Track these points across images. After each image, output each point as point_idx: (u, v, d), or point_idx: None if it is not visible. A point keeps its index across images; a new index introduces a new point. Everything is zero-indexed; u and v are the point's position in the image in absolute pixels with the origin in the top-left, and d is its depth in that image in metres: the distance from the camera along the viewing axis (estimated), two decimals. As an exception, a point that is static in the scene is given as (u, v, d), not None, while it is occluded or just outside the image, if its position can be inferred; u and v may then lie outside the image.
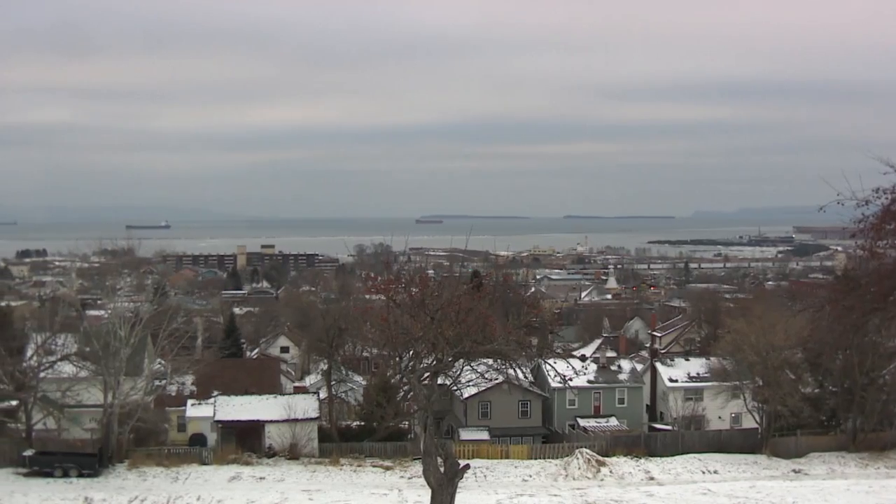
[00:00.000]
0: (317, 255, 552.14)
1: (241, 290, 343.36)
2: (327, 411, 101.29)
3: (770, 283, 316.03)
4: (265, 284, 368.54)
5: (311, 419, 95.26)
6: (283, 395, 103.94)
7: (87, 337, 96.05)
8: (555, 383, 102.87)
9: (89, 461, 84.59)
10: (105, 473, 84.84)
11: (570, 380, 77.71)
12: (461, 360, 63.65)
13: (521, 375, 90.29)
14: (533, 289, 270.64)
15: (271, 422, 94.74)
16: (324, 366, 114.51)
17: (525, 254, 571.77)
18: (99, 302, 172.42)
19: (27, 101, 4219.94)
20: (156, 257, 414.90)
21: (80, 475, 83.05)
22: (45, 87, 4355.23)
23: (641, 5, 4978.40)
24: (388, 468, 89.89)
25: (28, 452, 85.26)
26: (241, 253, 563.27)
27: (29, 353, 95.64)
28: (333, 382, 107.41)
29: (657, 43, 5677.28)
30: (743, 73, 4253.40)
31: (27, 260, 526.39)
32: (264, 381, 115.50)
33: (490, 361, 67.89)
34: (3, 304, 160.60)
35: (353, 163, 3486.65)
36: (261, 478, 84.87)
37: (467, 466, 57.40)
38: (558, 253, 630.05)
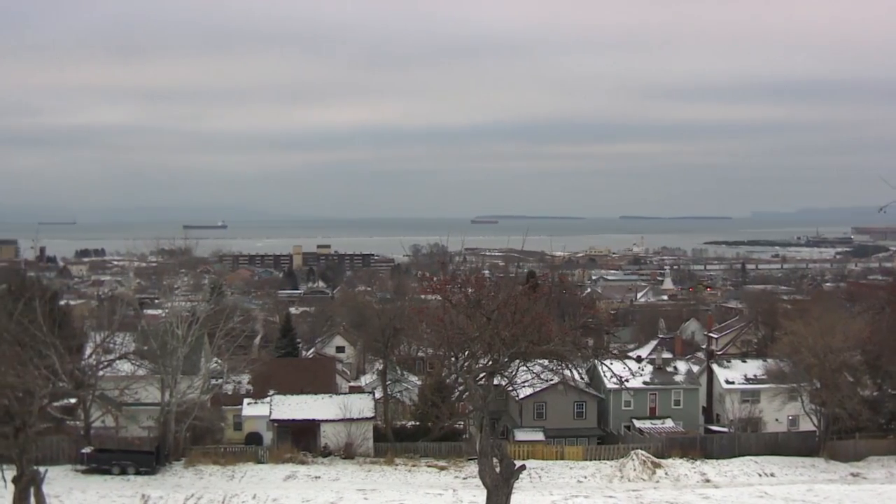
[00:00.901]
0: (372, 255, 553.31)
1: (297, 289, 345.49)
2: (382, 411, 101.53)
3: (828, 284, 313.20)
4: (321, 284, 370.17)
5: (367, 419, 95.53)
6: (339, 394, 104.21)
7: (144, 336, 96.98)
8: (610, 384, 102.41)
9: (146, 459, 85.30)
10: (162, 471, 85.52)
11: (626, 381, 77.40)
12: (517, 361, 63.56)
13: (576, 376, 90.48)
14: (589, 289, 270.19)
15: (327, 421, 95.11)
16: (379, 365, 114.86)
17: (581, 254, 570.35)
18: (156, 301, 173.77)
19: (87, 103, 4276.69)
20: (213, 257, 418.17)
21: (138, 473, 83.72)
22: (104, 89, 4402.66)
23: (699, 5, 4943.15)
24: (442, 468, 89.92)
25: (86, 450, 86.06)
26: (297, 253, 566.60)
27: (88, 351, 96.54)
28: (389, 382, 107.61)
29: (714, 42, 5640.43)
30: (805, 72, 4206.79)
31: (86, 259, 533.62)
32: (320, 380, 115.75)
33: (546, 362, 67.73)
34: (63, 302, 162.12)
35: (409, 163, 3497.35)
36: (316, 477, 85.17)
37: (523, 467, 57.25)
38: (614, 253, 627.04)
